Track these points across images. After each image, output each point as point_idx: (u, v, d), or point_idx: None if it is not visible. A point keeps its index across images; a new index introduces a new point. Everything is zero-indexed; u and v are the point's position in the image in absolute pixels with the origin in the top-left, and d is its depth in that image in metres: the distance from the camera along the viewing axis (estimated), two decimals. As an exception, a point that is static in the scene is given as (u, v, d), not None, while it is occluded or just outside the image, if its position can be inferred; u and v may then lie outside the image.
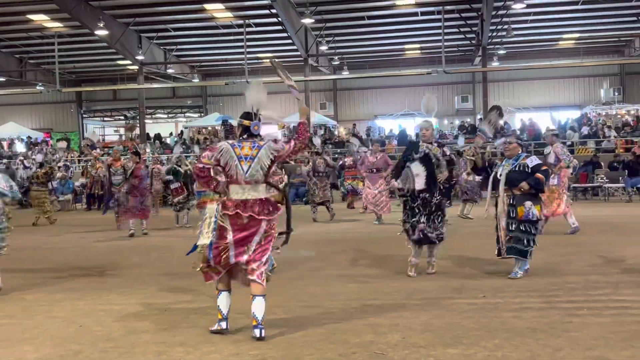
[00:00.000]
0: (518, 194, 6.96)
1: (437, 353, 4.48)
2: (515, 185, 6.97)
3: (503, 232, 7.05)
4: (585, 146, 26.15)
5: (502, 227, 7.06)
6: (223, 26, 29.44)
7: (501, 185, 7.07)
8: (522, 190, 6.93)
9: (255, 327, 4.97)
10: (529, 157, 7.19)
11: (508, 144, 7.33)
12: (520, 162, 7.12)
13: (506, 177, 7.07)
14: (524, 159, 7.16)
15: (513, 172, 7.06)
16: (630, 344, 4.50)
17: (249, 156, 5.21)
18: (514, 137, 7.64)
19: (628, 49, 34.26)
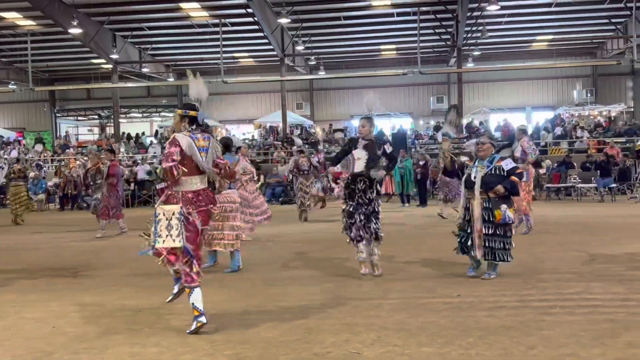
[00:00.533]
0: (493, 197, 6.87)
1: (412, 352, 4.51)
2: (491, 189, 6.85)
3: (478, 235, 6.92)
4: (559, 147, 26.51)
5: (476, 229, 6.92)
6: (199, 25, 29.30)
7: (476, 188, 6.95)
8: (497, 194, 6.84)
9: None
10: (504, 160, 7.07)
11: (481, 144, 7.19)
12: (496, 165, 6.99)
13: (481, 180, 6.95)
14: (498, 161, 7.03)
15: (489, 175, 6.94)
16: (602, 342, 4.57)
17: (205, 147, 5.32)
18: (486, 137, 7.46)
19: (600, 51, 34.76)
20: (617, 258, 8.09)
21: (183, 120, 5.39)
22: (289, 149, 28.12)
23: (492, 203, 6.86)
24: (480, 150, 7.17)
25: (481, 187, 6.94)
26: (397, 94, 37.03)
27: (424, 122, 35.83)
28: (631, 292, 6.12)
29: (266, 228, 13.40)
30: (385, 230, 12.34)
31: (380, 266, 7.43)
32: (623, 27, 30.43)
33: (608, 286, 6.43)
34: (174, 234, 5.07)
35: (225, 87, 31.71)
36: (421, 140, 29.28)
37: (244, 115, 37.67)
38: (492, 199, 6.86)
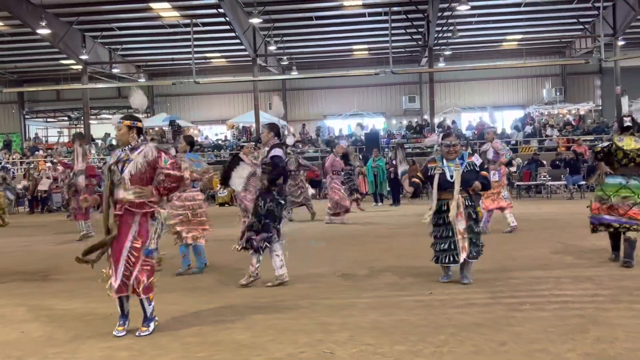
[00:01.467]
0: (472, 195, 6.67)
1: (385, 350, 4.53)
2: (470, 186, 6.62)
3: (461, 237, 6.58)
4: (529, 145, 26.84)
5: (459, 231, 6.58)
6: (170, 25, 29.08)
7: (456, 187, 6.60)
8: (475, 191, 6.67)
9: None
10: (473, 156, 6.93)
11: (452, 146, 6.79)
12: (468, 161, 6.76)
13: (461, 177, 6.64)
14: (469, 157, 6.83)
15: (466, 173, 6.68)
16: (571, 337, 4.64)
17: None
18: (454, 137, 7.02)
19: (569, 50, 35.27)
20: (586, 254, 8.22)
21: (132, 131, 5.28)
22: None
23: (473, 200, 6.68)
24: (451, 153, 6.80)
25: (461, 184, 6.64)
26: (369, 94, 37.19)
27: (397, 121, 36.02)
28: (600, 288, 6.22)
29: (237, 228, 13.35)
30: (358, 229, 12.49)
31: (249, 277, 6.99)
32: (591, 26, 30.92)
33: (577, 282, 6.53)
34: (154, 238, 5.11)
35: (197, 87, 31.56)
36: (394, 140, 29.39)
37: (216, 116, 37.49)
38: (472, 196, 6.67)
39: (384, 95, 37.46)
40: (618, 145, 7.41)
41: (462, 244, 6.58)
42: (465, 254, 6.57)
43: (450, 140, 6.84)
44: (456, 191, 6.60)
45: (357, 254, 9.14)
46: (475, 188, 6.64)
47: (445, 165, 6.76)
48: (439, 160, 6.84)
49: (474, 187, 6.63)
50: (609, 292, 6.04)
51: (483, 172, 6.77)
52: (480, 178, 6.69)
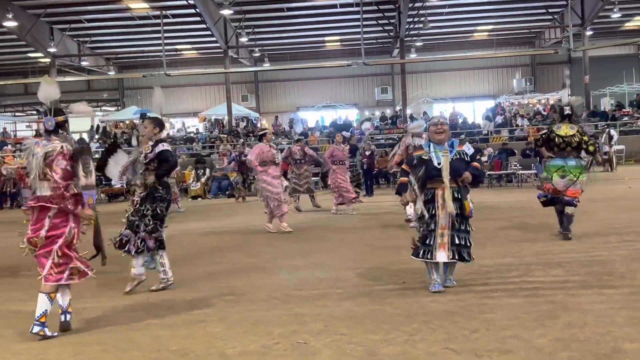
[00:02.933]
0: (461, 186, 5.97)
1: (359, 339, 4.54)
2: (460, 176, 5.91)
3: (441, 232, 5.89)
4: (500, 135, 27.11)
5: (442, 226, 5.89)
6: (139, 17, 28.76)
7: (445, 176, 5.87)
8: (464, 182, 5.96)
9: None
10: (464, 144, 6.21)
11: (440, 125, 6.09)
12: (458, 150, 6.06)
13: (450, 166, 5.92)
14: (460, 145, 6.14)
15: (456, 161, 5.97)
16: (542, 323, 4.70)
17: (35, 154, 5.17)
18: (441, 116, 6.44)
19: (538, 40, 35.67)
20: (556, 241, 8.32)
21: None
22: (235, 141, 27.91)
23: (461, 193, 5.94)
24: (439, 133, 6.07)
25: (450, 174, 5.92)
26: (342, 85, 37.23)
27: (370, 112, 36.12)
28: (569, 275, 6.31)
29: (214, 220, 13.30)
30: (331, 220, 12.49)
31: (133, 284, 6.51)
32: (560, 16, 31.30)
33: (547, 269, 6.61)
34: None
35: (168, 80, 31.21)
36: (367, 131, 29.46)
37: (188, 109, 37.23)
38: (461, 188, 5.96)
39: (356, 86, 37.53)
40: (556, 133, 8.60)
41: (440, 241, 5.85)
42: (443, 252, 5.83)
43: (437, 119, 6.24)
44: (445, 179, 5.87)
45: (330, 245, 9.16)
46: (465, 179, 5.92)
47: (433, 151, 6.04)
48: (426, 147, 6.13)
49: (464, 178, 5.91)
50: (578, 278, 6.13)
51: (475, 163, 6.06)
52: (471, 169, 5.96)
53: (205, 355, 4.39)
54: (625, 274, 6.18)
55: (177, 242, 10.07)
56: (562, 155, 8.56)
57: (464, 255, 5.90)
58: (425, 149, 6.10)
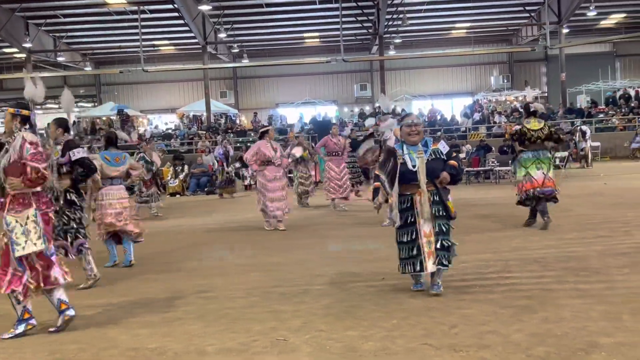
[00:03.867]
0: (440, 187, 5.63)
1: (338, 336, 4.55)
2: (437, 177, 5.58)
3: (427, 240, 5.55)
4: (477, 131, 27.30)
5: (424, 233, 5.55)
6: (116, 12, 28.49)
7: (421, 177, 5.53)
8: (442, 183, 5.61)
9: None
10: (439, 142, 5.86)
11: (414, 125, 5.71)
12: (433, 149, 5.70)
13: (426, 167, 5.56)
14: (434, 143, 5.77)
15: (432, 162, 5.61)
16: (519, 319, 4.74)
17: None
18: (415, 117, 6.03)
19: (516, 38, 35.97)
20: (532, 237, 8.40)
21: (15, 119, 5.05)
22: (213, 138, 27.79)
23: (440, 195, 5.61)
24: (413, 135, 5.69)
25: (427, 176, 5.56)
26: (321, 82, 37.24)
27: (349, 109, 36.18)
28: (546, 270, 6.37)
29: (193, 217, 13.23)
30: (310, 216, 12.49)
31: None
32: (537, 14, 31.57)
33: (524, 264, 6.67)
34: (34, 237, 4.86)
35: (145, 75, 31.07)
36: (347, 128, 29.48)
37: (166, 105, 37.00)
38: (440, 190, 5.62)
39: (335, 83, 37.56)
40: (527, 127, 9.39)
41: (427, 249, 5.51)
42: (432, 260, 5.50)
43: (411, 119, 5.78)
44: (422, 183, 5.52)
45: (310, 242, 9.15)
46: (443, 180, 5.56)
47: (407, 153, 5.63)
48: (399, 148, 5.72)
49: (442, 179, 5.56)
50: (554, 273, 6.19)
51: (451, 161, 5.69)
52: (448, 168, 5.61)
53: (183, 353, 4.37)
54: (601, 269, 6.26)
55: (155, 240, 10.02)
56: (534, 148, 9.31)
57: (442, 260, 5.52)
58: (398, 151, 5.68)
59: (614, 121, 28.11)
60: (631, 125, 27.34)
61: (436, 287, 5.59)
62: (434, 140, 5.83)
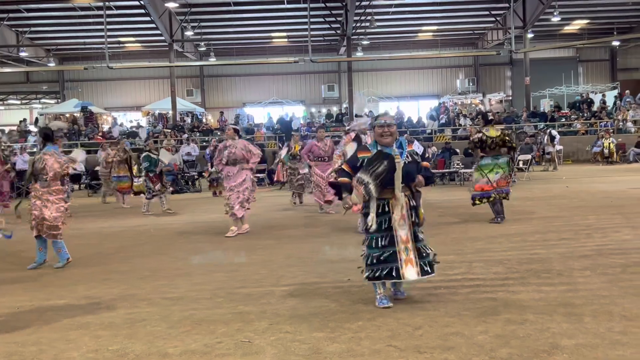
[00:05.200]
0: (415, 192, 5.41)
1: (304, 337, 4.53)
2: (413, 180, 5.33)
3: (404, 246, 5.25)
4: (443, 134, 27.55)
5: (401, 239, 5.26)
6: (81, 8, 28.02)
7: (397, 182, 5.21)
8: (418, 187, 5.39)
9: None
10: (414, 143, 5.60)
11: (386, 126, 5.37)
12: (409, 150, 5.40)
13: (403, 170, 5.25)
14: (409, 144, 5.49)
15: (408, 164, 5.32)
16: (483, 320, 4.77)
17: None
18: (391, 117, 5.59)
19: (481, 42, 36.40)
20: (496, 239, 8.49)
21: None
22: (179, 136, 27.53)
23: (416, 199, 5.40)
24: (386, 136, 5.38)
25: (403, 180, 5.26)
26: (289, 82, 37.20)
27: (316, 110, 36.21)
28: (510, 272, 6.43)
29: (156, 216, 13.07)
30: (275, 217, 12.44)
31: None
32: (502, 19, 32.00)
33: (488, 266, 6.74)
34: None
35: (111, 72, 30.60)
36: (314, 128, 29.50)
37: (131, 102, 36.56)
38: (415, 194, 5.40)
39: (303, 83, 37.56)
40: (486, 135, 10.13)
41: (405, 256, 5.22)
42: (412, 268, 5.20)
43: (384, 119, 5.44)
44: (398, 187, 5.21)
45: (276, 242, 9.12)
46: (419, 184, 5.35)
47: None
48: (372, 148, 5.44)
49: (417, 183, 5.34)
50: (518, 275, 6.26)
51: (424, 163, 5.51)
52: (423, 170, 5.42)
53: (145, 355, 4.30)
54: (563, 271, 6.35)
55: (117, 239, 9.89)
56: (493, 154, 10.09)
57: (425, 267, 5.27)
58: (371, 151, 5.39)
59: (576, 125, 28.65)
60: (593, 130, 27.89)
61: (400, 294, 5.51)
62: (408, 142, 5.54)
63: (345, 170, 5.46)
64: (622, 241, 7.89)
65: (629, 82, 35.34)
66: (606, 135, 24.57)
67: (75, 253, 8.18)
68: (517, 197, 14.01)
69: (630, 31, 35.22)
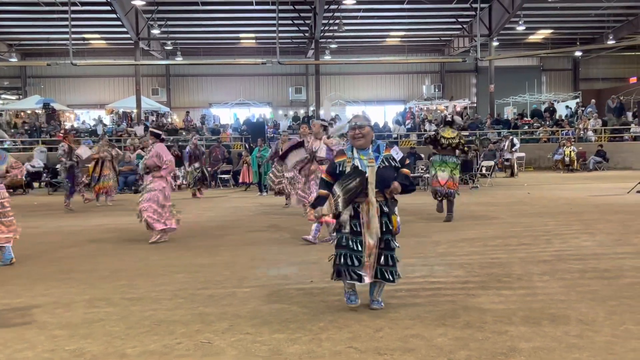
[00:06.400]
0: (389, 198, 5.22)
1: (264, 339, 4.51)
2: (388, 187, 5.14)
3: (369, 252, 5.14)
4: (409, 139, 27.77)
5: (369, 245, 5.14)
6: (45, 3, 27.52)
7: (370, 187, 5.09)
8: (392, 194, 5.19)
9: None
10: (392, 148, 5.37)
11: (358, 128, 5.23)
12: (385, 155, 5.24)
13: (376, 175, 5.12)
14: (387, 149, 5.30)
15: (383, 169, 5.17)
16: (443, 322, 4.82)
17: None
18: (364, 118, 5.39)
19: (448, 49, 36.82)
20: (458, 243, 8.58)
21: None
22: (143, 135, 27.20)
23: (389, 206, 5.22)
24: (357, 138, 5.24)
25: (376, 185, 5.13)
26: (256, 84, 37.11)
27: (283, 112, 36.18)
28: (470, 275, 6.51)
29: (119, 216, 12.89)
30: (240, 219, 12.38)
31: None
32: (468, 26, 32.43)
33: (450, 270, 6.80)
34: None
35: (74, 69, 30.13)
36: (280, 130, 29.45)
37: (95, 100, 36.06)
38: (389, 201, 5.23)
39: (270, 85, 37.50)
40: (442, 135, 10.87)
41: (368, 262, 5.13)
42: (370, 273, 5.14)
43: (355, 121, 5.29)
44: (371, 192, 5.10)
45: (238, 243, 9.07)
46: (394, 191, 5.14)
47: (357, 157, 5.22)
48: (348, 151, 5.29)
49: (392, 189, 5.13)
50: (478, 279, 6.33)
51: (404, 170, 5.26)
52: (400, 177, 5.19)
53: (103, 355, 4.23)
54: (523, 275, 6.44)
55: (77, 238, 9.73)
56: (444, 153, 10.89)
57: (386, 274, 5.15)
58: (347, 155, 5.26)
59: (538, 133, 29.16)
60: (554, 137, 28.41)
61: (376, 303, 5.27)
62: (386, 146, 5.34)
63: (326, 180, 5.31)
64: (581, 247, 8.04)
65: (590, 91, 36.13)
66: (567, 143, 25.06)
67: (35, 252, 8.01)
68: (480, 202, 14.20)
69: (593, 42, 36.03)
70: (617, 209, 12.08)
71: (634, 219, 10.56)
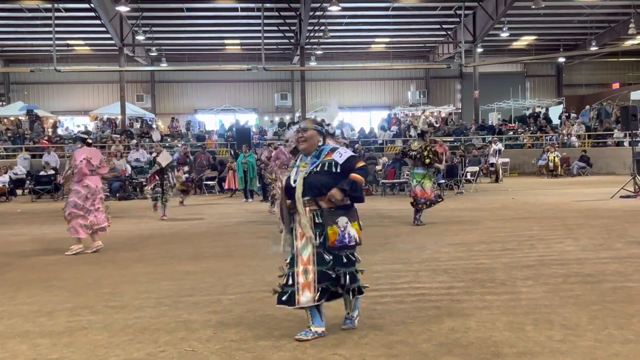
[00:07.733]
0: (326, 208, 4.64)
1: (248, 346, 4.49)
2: (321, 194, 4.61)
3: (303, 268, 4.63)
4: (394, 145, 27.85)
5: (302, 261, 4.63)
6: (29, 9, 27.36)
7: (297, 194, 4.62)
8: (332, 202, 4.61)
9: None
10: (336, 150, 4.75)
11: (302, 131, 4.80)
12: (324, 160, 4.70)
13: (305, 182, 4.65)
14: (329, 153, 4.73)
15: (314, 174, 4.66)
16: (427, 328, 4.82)
17: None
18: (310, 121, 4.94)
19: (432, 55, 37.02)
20: (443, 249, 8.61)
21: None
22: (128, 142, 27.08)
23: (324, 216, 4.62)
24: (300, 141, 4.82)
25: (304, 194, 4.63)
26: (241, 90, 37.08)
27: (269, 118, 36.17)
28: (455, 281, 6.53)
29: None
30: (225, 225, 12.34)
31: None
32: (453, 33, 32.64)
33: (434, 275, 6.82)
34: None
35: (58, 76, 29.99)
36: (266, 137, 29.43)
37: (79, 106, 35.86)
38: (324, 210, 4.63)
39: (256, 91, 37.49)
40: (410, 147, 11.38)
41: (303, 280, 4.60)
42: (309, 294, 4.59)
43: (301, 125, 4.91)
44: (298, 201, 4.61)
45: (223, 250, 9.04)
46: (330, 198, 4.57)
47: (298, 164, 4.82)
48: (299, 160, 4.90)
49: (328, 197, 4.57)
50: (463, 284, 6.35)
51: (353, 175, 4.62)
52: (343, 184, 4.60)
53: (86, 364, 4.20)
54: (506, 280, 6.47)
55: (61, 246, 9.63)
56: (412, 164, 11.35)
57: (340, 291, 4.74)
58: (295, 163, 4.87)
59: (522, 139, 29.36)
60: (538, 143, 28.62)
61: (349, 322, 4.86)
62: (330, 150, 4.76)
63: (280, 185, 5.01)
64: (564, 252, 8.09)
65: (573, 97, 36.47)
66: (551, 149, 25.25)
67: (18, 259, 7.94)
68: (465, 207, 14.27)
69: (576, 48, 36.36)
70: (600, 214, 12.18)
71: (617, 223, 10.65)
